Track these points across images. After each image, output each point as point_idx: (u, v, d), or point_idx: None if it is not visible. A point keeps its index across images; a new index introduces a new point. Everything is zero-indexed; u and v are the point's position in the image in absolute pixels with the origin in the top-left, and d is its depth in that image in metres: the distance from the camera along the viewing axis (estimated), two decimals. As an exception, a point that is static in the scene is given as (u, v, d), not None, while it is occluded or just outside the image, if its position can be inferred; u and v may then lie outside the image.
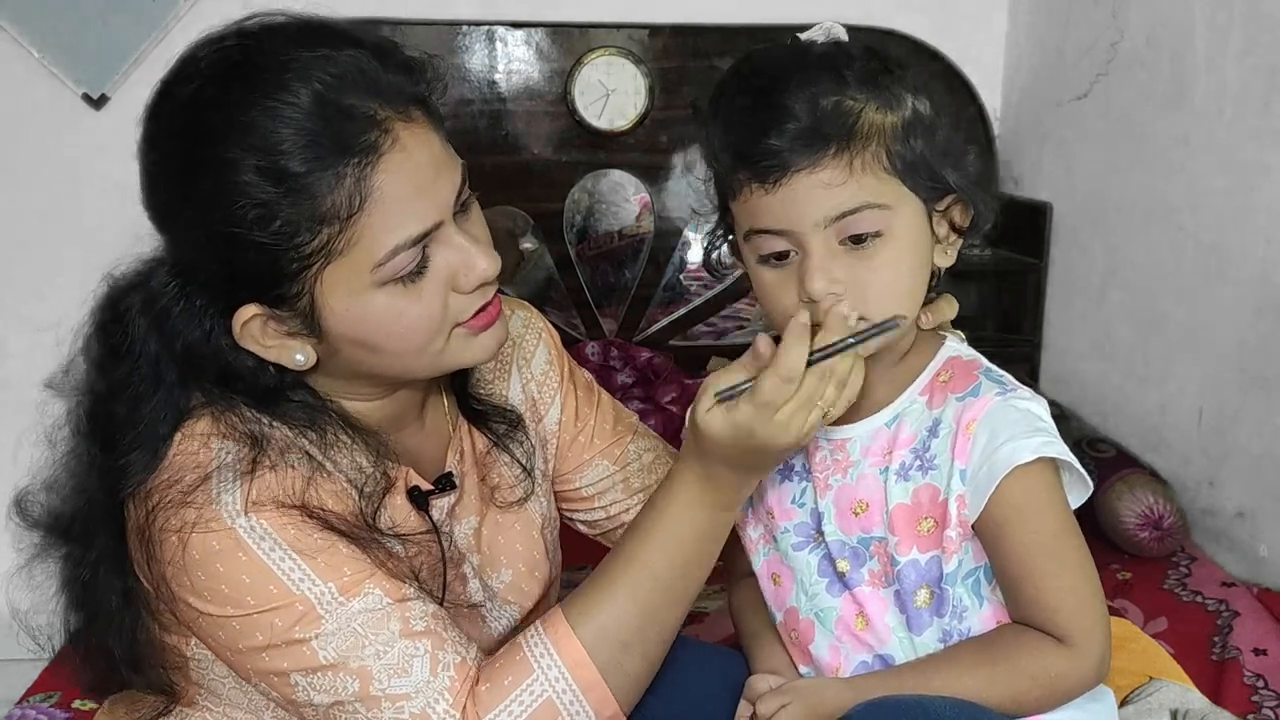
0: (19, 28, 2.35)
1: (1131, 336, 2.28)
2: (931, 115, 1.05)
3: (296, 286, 0.98)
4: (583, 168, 2.59)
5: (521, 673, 1.02)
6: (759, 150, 1.01)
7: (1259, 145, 1.90)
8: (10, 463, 1.12)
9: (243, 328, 1.01)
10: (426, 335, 1.03)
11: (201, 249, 0.99)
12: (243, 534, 0.99)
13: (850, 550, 1.08)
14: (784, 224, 1.02)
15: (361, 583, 1.01)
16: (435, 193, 1.00)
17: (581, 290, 2.64)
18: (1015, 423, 1.01)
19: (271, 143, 0.93)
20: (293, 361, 1.03)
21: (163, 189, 1.01)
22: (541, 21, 2.52)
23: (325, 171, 0.94)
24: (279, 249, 0.96)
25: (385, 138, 0.96)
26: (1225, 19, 1.96)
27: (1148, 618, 1.78)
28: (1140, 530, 1.95)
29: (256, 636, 1.00)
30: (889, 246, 1.02)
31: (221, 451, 1.02)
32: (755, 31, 2.54)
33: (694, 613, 1.83)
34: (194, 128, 0.97)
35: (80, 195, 2.46)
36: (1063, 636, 1.01)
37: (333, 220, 0.95)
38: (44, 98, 2.40)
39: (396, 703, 0.99)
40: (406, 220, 0.97)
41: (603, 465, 1.32)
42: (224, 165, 0.94)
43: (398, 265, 0.98)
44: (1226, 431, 2.01)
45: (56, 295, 2.51)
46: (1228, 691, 1.57)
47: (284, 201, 0.94)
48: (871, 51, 1.06)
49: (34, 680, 1.74)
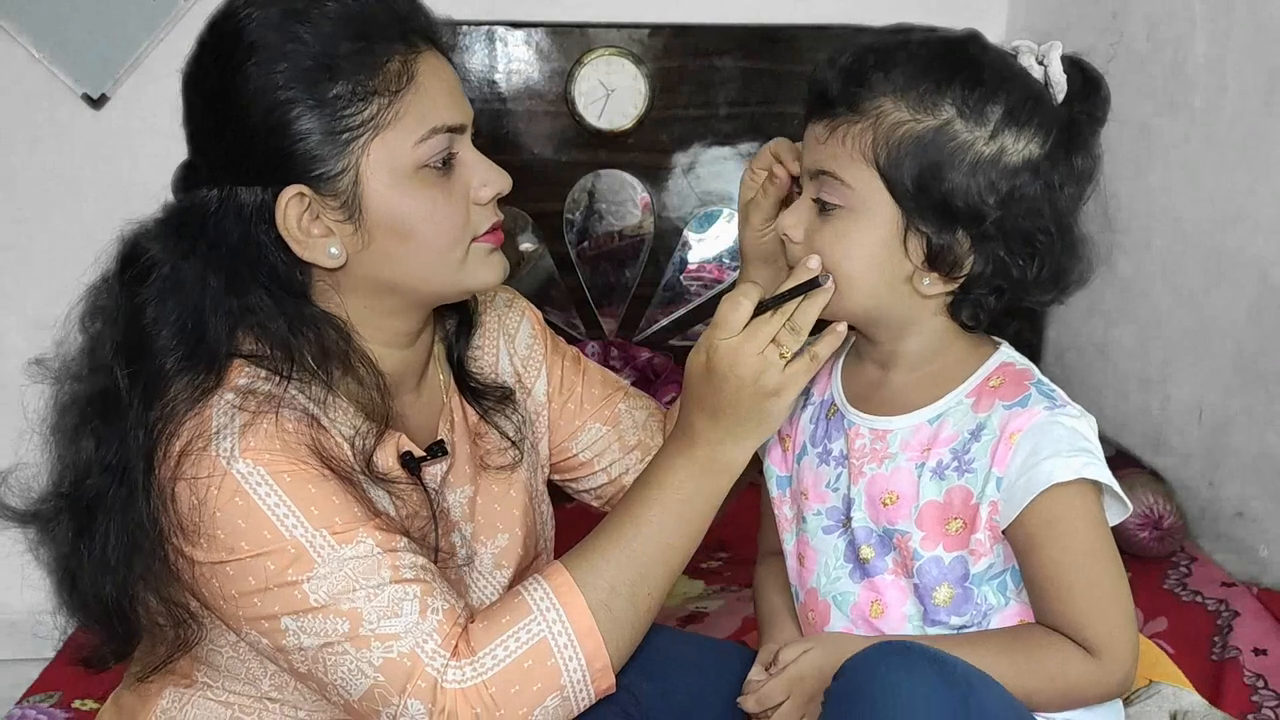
0: (19, 28, 2.35)
1: (1131, 336, 2.28)
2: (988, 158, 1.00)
3: (343, 161, 1.06)
4: (583, 168, 2.59)
5: (519, 613, 1.05)
6: (809, 83, 1.07)
7: (1259, 145, 1.90)
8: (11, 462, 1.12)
9: (286, 209, 1.06)
10: (453, 234, 1.11)
11: (252, 133, 1.06)
12: (239, 479, 1.02)
13: (876, 538, 1.09)
14: (803, 160, 1.09)
15: (354, 530, 1.04)
16: (462, 102, 1.12)
17: (581, 290, 2.64)
18: (1060, 439, 1.01)
19: (329, 23, 1.05)
20: (327, 256, 1.09)
21: (222, 75, 1.07)
22: (541, 21, 2.52)
23: (379, 49, 1.06)
24: (333, 115, 1.05)
25: (424, 43, 1.10)
26: (1225, 19, 1.96)
27: (1148, 617, 1.78)
28: (1140, 530, 1.95)
29: (249, 581, 1.02)
30: (844, 221, 1.04)
31: (227, 403, 1.05)
32: (755, 31, 2.54)
33: (694, 612, 1.84)
34: (253, 22, 1.06)
35: (80, 195, 2.45)
36: (1090, 649, 1.01)
37: (383, 92, 1.06)
38: (44, 98, 2.40)
39: (386, 642, 1.01)
40: (441, 110, 1.09)
41: (595, 428, 1.36)
42: (289, 39, 1.05)
43: (432, 148, 1.08)
44: (1226, 431, 2.01)
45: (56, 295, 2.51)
46: (1228, 691, 1.57)
47: (345, 65, 1.05)
48: (980, 64, 1.02)
49: (34, 680, 1.74)
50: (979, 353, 1.10)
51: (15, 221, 2.46)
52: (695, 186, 2.60)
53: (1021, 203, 1.02)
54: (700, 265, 2.65)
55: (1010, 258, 1.03)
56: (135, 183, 2.49)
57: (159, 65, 2.40)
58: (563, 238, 2.61)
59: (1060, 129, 1.03)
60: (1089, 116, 1.05)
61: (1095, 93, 1.05)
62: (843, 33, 2.49)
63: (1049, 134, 1.02)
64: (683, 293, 2.66)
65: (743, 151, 2.58)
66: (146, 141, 2.40)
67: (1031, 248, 1.03)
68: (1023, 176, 1.02)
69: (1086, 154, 1.05)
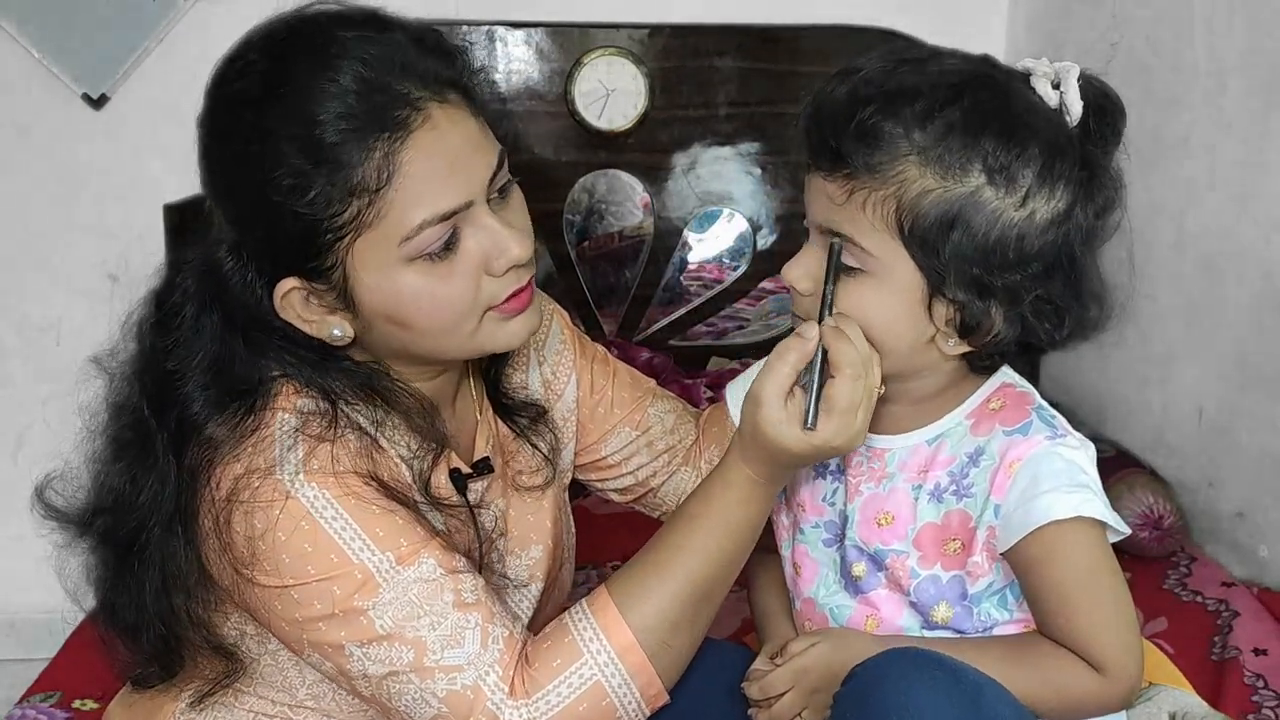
0: (19, 28, 2.34)
1: (1131, 336, 2.27)
2: (1018, 222, 0.95)
3: (331, 259, 1.02)
4: (583, 168, 2.59)
5: (570, 656, 1.04)
6: (807, 128, 1.00)
7: (1259, 145, 1.89)
8: (11, 462, 1.12)
9: (283, 299, 1.05)
10: (457, 315, 1.05)
11: (247, 219, 1.04)
12: (304, 503, 1.01)
13: (868, 558, 1.08)
14: (806, 207, 1.03)
15: (417, 552, 1.03)
16: (467, 173, 1.03)
17: (581, 290, 2.63)
18: (1058, 473, 0.99)
19: (309, 115, 0.98)
20: (331, 336, 1.07)
21: (214, 159, 1.05)
22: (541, 21, 2.52)
23: (356, 144, 0.98)
24: (314, 219, 1.00)
25: (417, 115, 1.00)
26: (1225, 19, 1.96)
27: (1148, 618, 1.78)
28: (1140, 530, 1.94)
29: (315, 606, 1.02)
30: (863, 285, 0.99)
31: (284, 423, 1.04)
32: (755, 31, 2.54)
33: (694, 612, 1.83)
34: (240, 100, 1.02)
35: (80, 195, 2.45)
36: (1095, 666, 1.00)
37: (362, 193, 0.99)
38: (44, 98, 2.40)
39: (450, 674, 1.01)
40: (435, 197, 1.00)
41: (625, 432, 1.35)
42: (265, 135, 0.99)
43: (425, 241, 1.01)
44: (1226, 431, 2.01)
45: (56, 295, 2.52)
46: (1228, 692, 1.57)
47: (317, 172, 0.98)
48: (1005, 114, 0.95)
49: (34, 680, 1.74)
50: (978, 375, 1.08)
51: (15, 221, 2.46)
52: (695, 186, 2.60)
53: (1051, 257, 0.98)
54: (700, 265, 2.64)
55: (1038, 320, 1.00)
56: (135, 183, 2.51)
57: (159, 65, 2.40)
58: (563, 238, 2.61)
59: (1081, 167, 0.98)
60: (1104, 139, 1.01)
61: (1112, 111, 1.01)
62: (843, 33, 2.49)
63: (1074, 182, 0.98)
64: (683, 293, 2.66)
65: (743, 151, 2.58)
66: (146, 141, 2.41)
67: (1057, 307, 1.00)
68: (1051, 233, 0.97)
69: (1107, 184, 1.01)
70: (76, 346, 1.17)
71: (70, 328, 2.46)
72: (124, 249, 1.25)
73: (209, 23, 2.37)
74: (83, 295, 2.42)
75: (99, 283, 2.34)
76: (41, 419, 1.14)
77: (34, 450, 1.12)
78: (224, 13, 2.30)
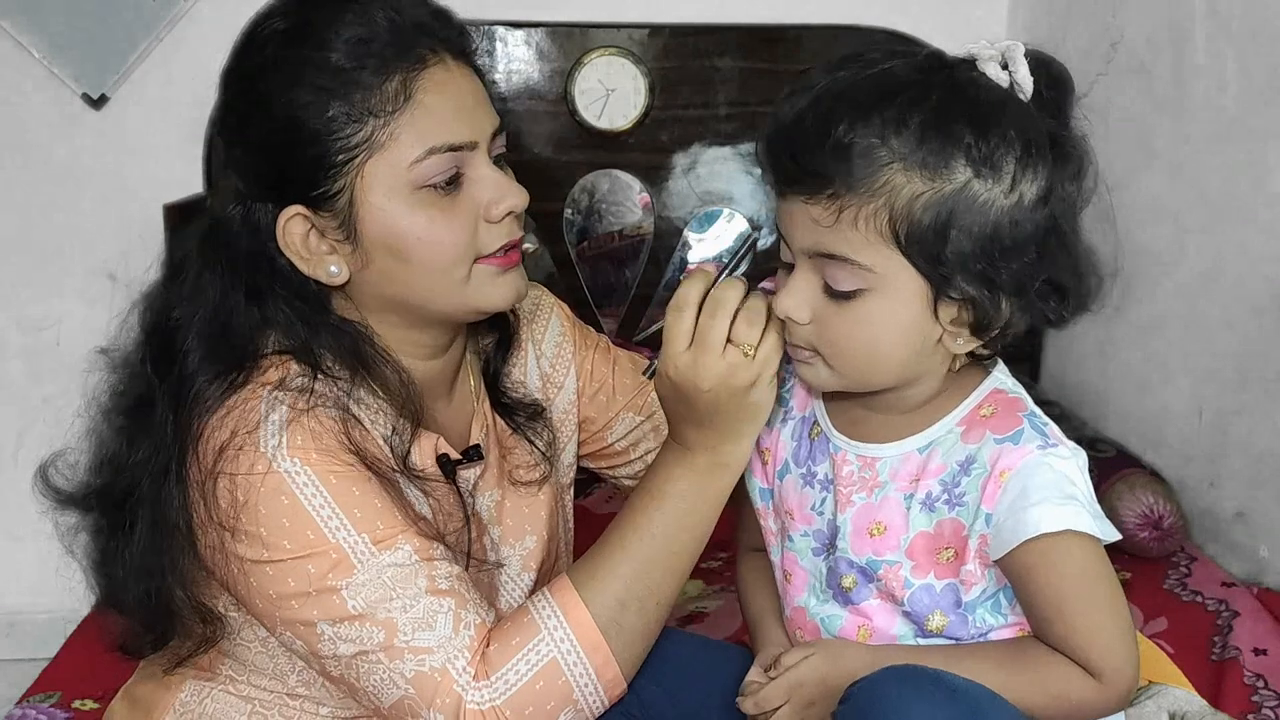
0: (19, 28, 2.34)
1: (1131, 336, 2.28)
2: (1009, 209, 0.95)
3: (340, 181, 1.06)
4: (583, 168, 2.59)
5: (528, 634, 1.05)
6: (773, 153, 0.99)
7: (1259, 145, 1.90)
8: (11, 462, 1.13)
9: (286, 226, 1.08)
10: (452, 255, 1.09)
11: (260, 148, 1.08)
12: (286, 477, 1.03)
13: (858, 570, 1.07)
14: (785, 234, 1.01)
15: (394, 537, 1.05)
16: (473, 117, 1.10)
17: (581, 290, 2.64)
18: (1049, 485, 0.98)
19: (332, 41, 1.05)
20: (328, 274, 1.10)
21: (235, 91, 1.10)
22: (541, 21, 2.52)
23: (376, 69, 1.05)
24: (330, 136, 1.05)
25: (433, 56, 1.08)
26: (1225, 19, 1.96)
27: (1148, 618, 1.78)
28: (1140, 530, 1.95)
29: (289, 583, 1.03)
30: (867, 304, 0.98)
31: (271, 398, 1.06)
32: (755, 31, 2.54)
33: (695, 612, 1.84)
34: (267, 37, 1.08)
35: (80, 195, 2.45)
36: (1091, 671, 1.00)
37: (379, 113, 1.05)
38: (44, 98, 2.40)
39: (419, 656, 1.02)
40: (444, 129, 1.07)
41: (629, 418, 1.37)
42: (290, 60, 1.06)
43: (431, 169, 1.07)
44: (1226, 431, 2.01)
45: (56, 295, 2.52)
46: (1228, 692, 1.57)
47: (337, 90, 1.04)
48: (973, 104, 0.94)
49: (34, 680, 1.74)
50: (970, 377, 1.07)
51: (15, 221, 2.46)
52: (695, 186, 2.60)
53: (1044, 235, 0.97)
54: (700, 265, 2.64)
55: (1044, 301, 1.00)
56: (135, 183, 2.51)
57: (159, 65, 2.40)
58: (563, 238, 2.61)
59: (1049, 141, 0.98)
60: (1059, 107, 1.00)
61: (1059, 78, 1.00)
62: (843, 33, 2.49)
63: (1047, 157, 0.97)
64: (683, 293, 2.66)
65: (743, 151, 2.57)
66: (146, 141, 2.41)
67: (1059, 285, 0.99)
68: (1039, 211, 0.97)
69: (1073, 150, 1.00)
70: (76, 346, 1.17)
71: (70, 327, 2.46)
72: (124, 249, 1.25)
73: (209, 23, 2.37)
74: (83, 295, 2.42)
75: (99, 282, 2.34)
76: (41, 419, 1.15)
77: (34, 450, 1.12)
78: (224, 13, 2.29)
